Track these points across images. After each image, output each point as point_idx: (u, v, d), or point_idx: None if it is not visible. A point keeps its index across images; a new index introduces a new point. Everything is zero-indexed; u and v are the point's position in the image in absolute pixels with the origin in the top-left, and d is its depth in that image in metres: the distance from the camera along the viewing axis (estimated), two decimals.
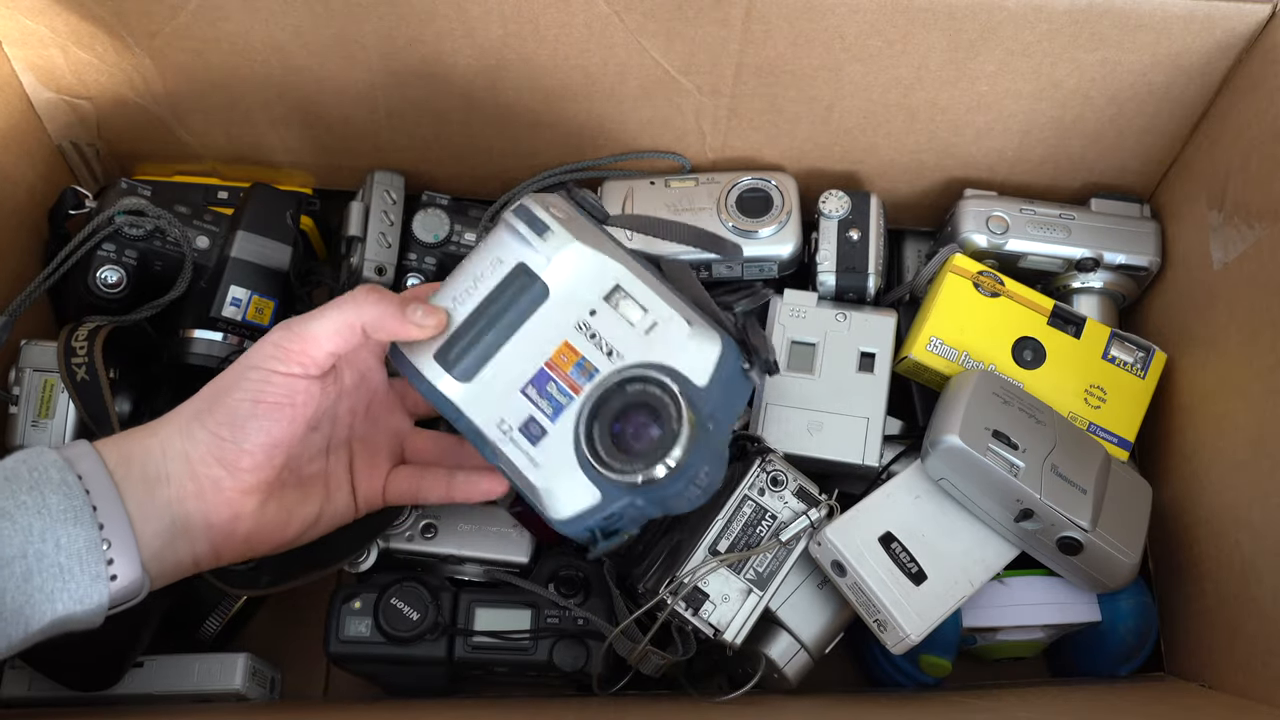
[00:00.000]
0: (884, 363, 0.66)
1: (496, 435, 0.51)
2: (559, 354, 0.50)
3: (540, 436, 0.50)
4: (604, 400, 0.49)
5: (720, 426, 0.50)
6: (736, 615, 0.58)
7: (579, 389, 0.50)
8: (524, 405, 0.50)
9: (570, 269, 0.50)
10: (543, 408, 0.50)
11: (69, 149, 0.72)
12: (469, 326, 0.51)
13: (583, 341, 0.50)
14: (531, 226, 0.50)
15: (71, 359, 0.62)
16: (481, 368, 0.51)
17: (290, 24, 0.62)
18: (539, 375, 0.50)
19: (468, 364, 0.51)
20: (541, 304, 0.51)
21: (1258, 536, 0.58)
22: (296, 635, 0.71)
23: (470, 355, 0.51)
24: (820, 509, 0.60)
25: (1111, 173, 0.72)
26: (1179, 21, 0.60)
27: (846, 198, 0.70)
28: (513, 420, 0.50)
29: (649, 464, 0.47)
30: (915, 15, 0.60)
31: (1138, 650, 0.66)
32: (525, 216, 0.51)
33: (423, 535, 0.64)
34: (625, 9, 0.61)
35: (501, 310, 0.51)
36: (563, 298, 0.51)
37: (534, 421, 0.50)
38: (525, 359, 0.51)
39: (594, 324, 0.50)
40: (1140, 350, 0.68)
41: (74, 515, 0.44)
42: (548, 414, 0.50)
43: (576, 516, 0.49)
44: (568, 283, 0.51)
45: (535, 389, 0.50)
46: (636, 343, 0.50)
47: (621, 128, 0.70)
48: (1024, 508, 0.59)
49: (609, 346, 0.50)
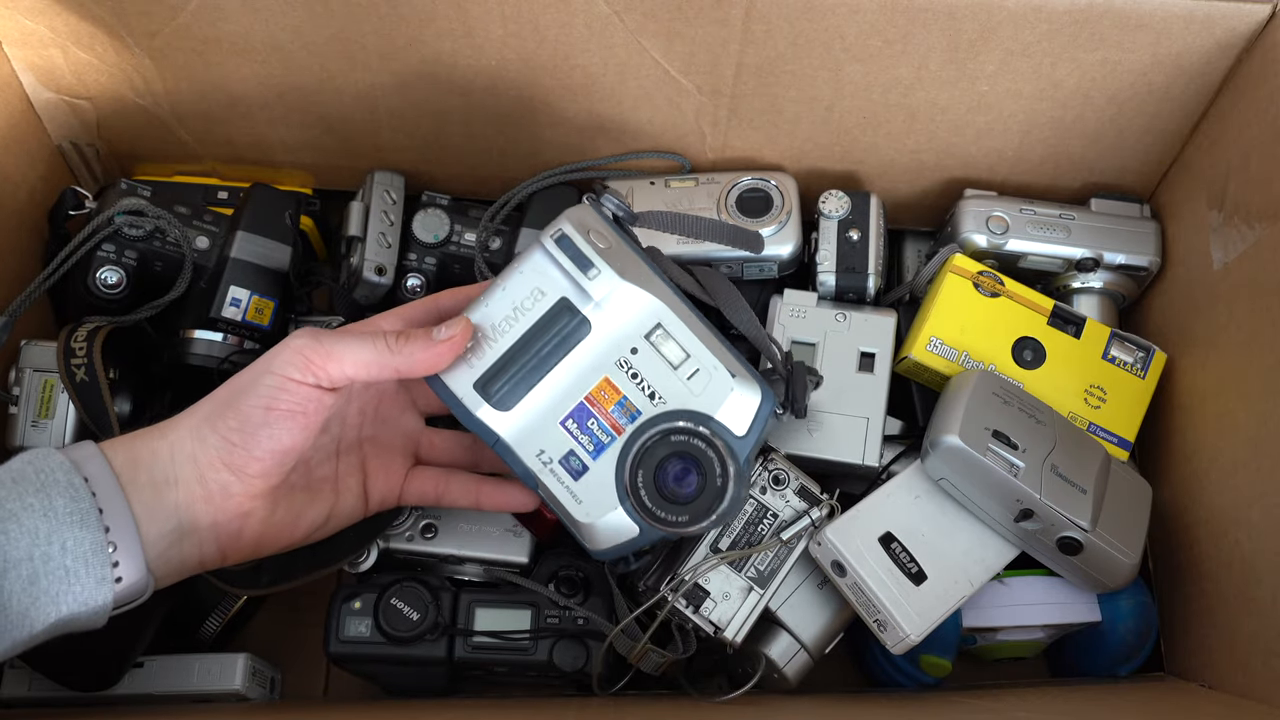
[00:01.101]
0: (884, 363, 0.66)
1: (536, 465, 0.52)
2: (599, 390, 0.51)
3: (582, 473, 0.51)
4: (648, 448, 0.51)
5: (749, 466, 0.52)
6: (737, 613, 0.58)
7: (621, 429, 0.51)
8: (564, 438, 0.52)
9: (615, 308, 0.51)
10: (583, 443, 0.51)
11: (69, 149, 0.72)
12: (511, 359, 0.52)
13: (624, 380, 0.51)
14: (576, 263, 0.51)
15: (71, 360, 0.62)
16: (522, 398, 0.52)
17: (290, 24, 0.62)
18: (579, 409, 0.52)
19: (507, 394, 0.52)
20: (584, 338, 0.52)
21: (1257, 536, 0.58)
22: (296, 635, 0.71)
23: (511, 386, 0.52)
24: (822, 508, 0.60)
25: (1111, 173, 0.72)
26: (1179, 21, 0.59)
27: (846, 198, 0.70)
28: (553, 452, 0.52)
29: (695, 518, 0.50)
30: (915, 15, 0.60)
31: (1137, 650, 0.66)
32: (570, 251, 0.51)
33: (423, 535, 0.64)
34: (625, 9, 0.61)
35: (544, 343, 0.52)
36: (605, 334, 0.52)
37: (574, 456, 0.51)
38: (565, 392, 0.52)
39: (635, 362, 0.52)
40: (1140, 350, 0.68)
41: (80, 518, 0.44)
42: (589, 450, 0.51)
43: (615, 549, 0.52)
44: (611, 320, 0.51)
45: (576, 423, 0.51)
46: (679, 388, 0.51)
47: (621, 128, 0.70)
48: (1024, 508, 0.59)
49: (651, 388, 0.51)
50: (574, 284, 0.51)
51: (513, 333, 0.52)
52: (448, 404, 0.52)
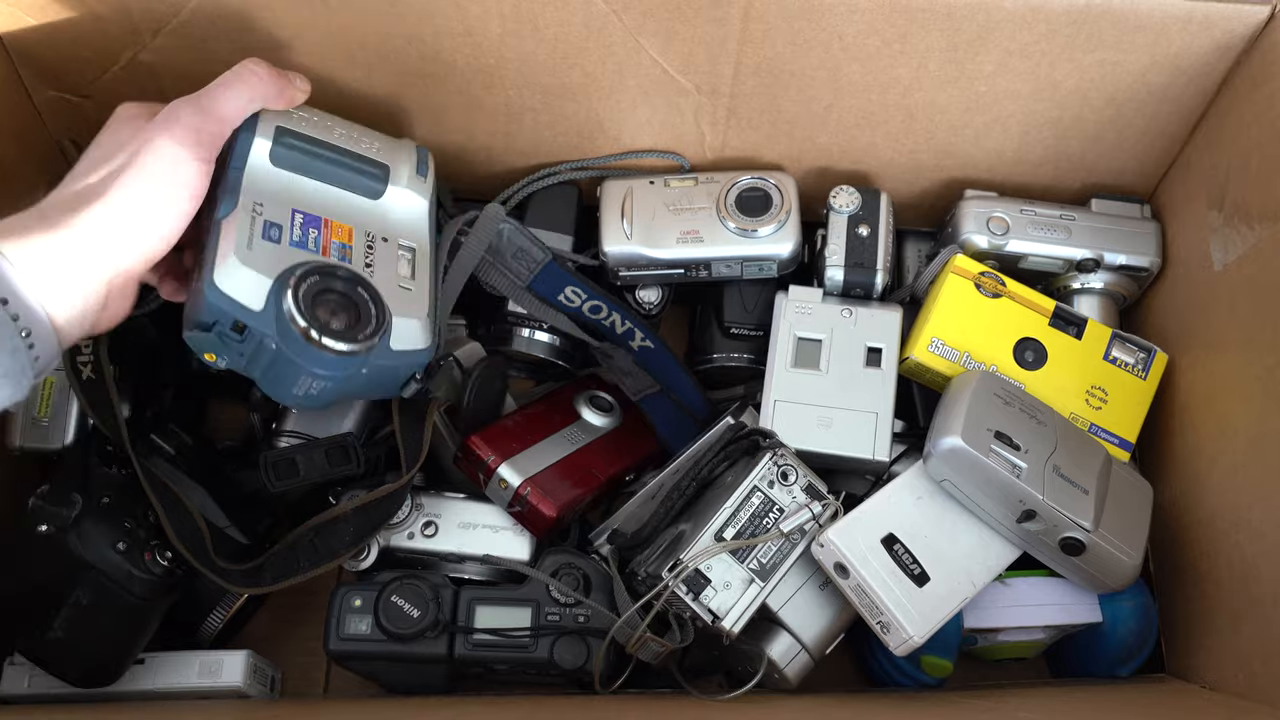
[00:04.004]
0: (890, 358, 0.66)
1: (245, 207, 0.54)
2: (340, 225, 0.57)
3: (267, 240, 0.54)
4: (332, 274, 0.53)
5: (372, 355, 0.54)
6: (737, 603, 0.58)
7: (326, 253, 0.56)
8: (285, 214, 0.56)
9: (403, 206, 0.60)
10: (294, 228, 0.55)
11: (69, 147, 0.72)
12: (319, 153, 0.59)
13: (360, 237, 0.57)
14: (418, 169, 0.63)
15: (77, 357, 0.62)
16: (292, 173, 0.58)
17: (290, 22, 0.62)
18: (313, 218, 0.56)
19: (290, 156, 0.58)
20: (364, 194, 0.59)
21: (1258, 537, 0.58)
22: (297, 633, 0.71)
23: (298, 151, 0.58)
24: (827, 507, 0.60)
25: (1111, 173, 0.72)
26: (1177, 23, 0.59)
27: (857, 194, 0.70)
28: (269, 214, 0.55)
29: (318, 332, 0.52)
30: (914, 15, 0.60)
31: (1138, 651, 0.66)
32: (424, 163, 0.63)
33: (423, 533, 0.64)
34: (624, 8, 0.61)
35: (346, 165, 0.59)
36: (380, 209, 0.59)
37: (278, 228, 0.55)
38: (320, 199, 0.58)
39: (377, 243, 0.58)
40: (1142, 351, 0.68)
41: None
42: (292, 238, 0.55)
43: (228, 302, 0.52)
44: (393, 210, 0.60)
45: (304, 218, 0.56)
46: (389, 281, 0.56)
47: (620, 127, 0.70)
48: (1026, 509, 0.59)
49: (370, 261, 0.57)
50: (402, 171, 0.61)
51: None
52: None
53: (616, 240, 0.70)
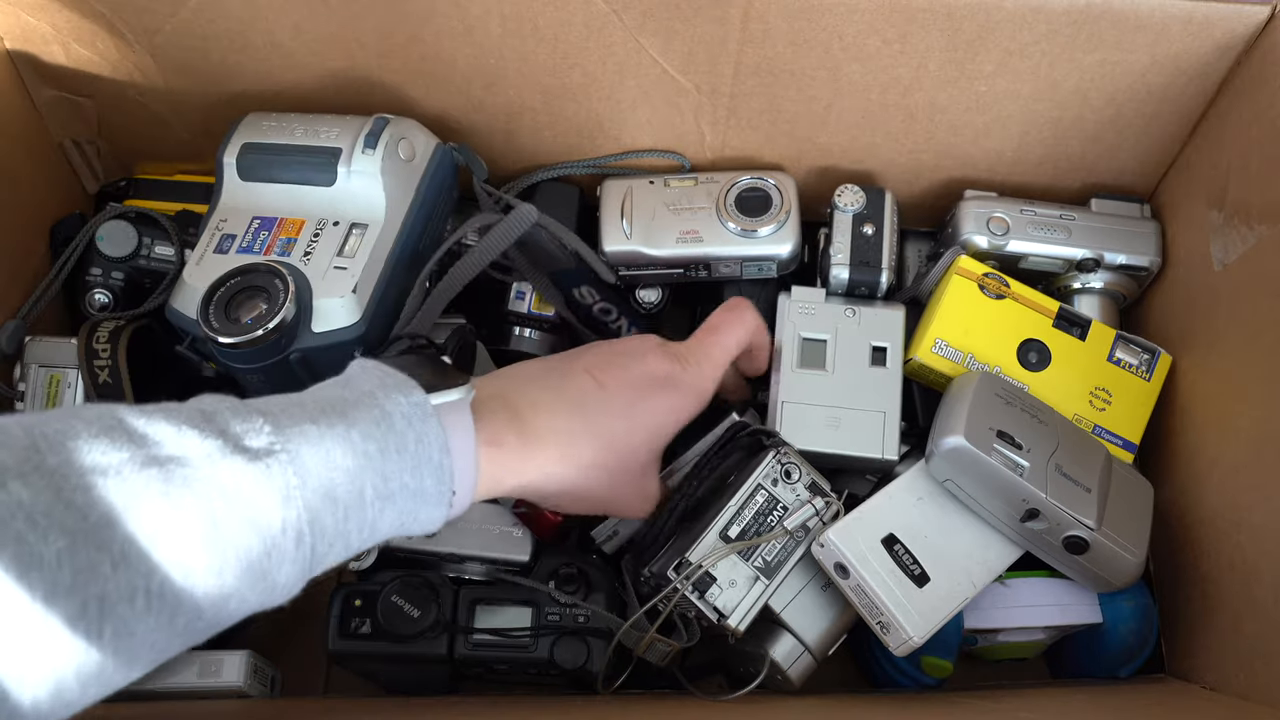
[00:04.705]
0: (896, 356, 0.66)
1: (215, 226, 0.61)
2: (295, 220, 0.60)
3: (226, 252, 0.59)
4: (262, 272, 0.56)
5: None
6: (742, 601, 0.58)
7: (268, 252, 0.59)
8: (245, 223, 0.60)
9: (357, 190, 0.61)
10: (247, 234, 0.60)
11: (70, 147, 0.72)
12: (278, 149, 0.63)
13: (309, 230, 0.60)
14: (367, 143, 0.62)
15: (94, 360, 0.62)
16: (258, 181, 0.62)
17: (290, 22, 0.62)
18: (271, 220, 0.60)
19: (254, 166, 0.62)
20: (321, 185, 0.61)
21: (1259, 538, 0.58)
22: (297, 633, 0.70)
23: (262, 162, 0.63)
24: (830, 504, 0.60)
25: (1111, 173, 0.72)
26: (1178, 23, 0.59)
27: (861, 192, 0.70)
28: (228, 228, 0.61)
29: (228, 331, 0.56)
30: (914, 15, 0.60)
31: (1138, 651, 0.66)
32: (376, 137, 0.62)
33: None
34: (624, 8, 0.61)
35: (300, 158, 0.62)
36: (333, 195, 0.61)
37: (231, 239, 0.60)
38: (276, 200, 0.61)
39: (325, 227, 0.60)
40: (1145, 352, 0.68)
41: (438, 498, 0.45)
42: (241, 243, 0.59)
43: (181, 312, 0.59)
44: (347, 193, 0.61)
45: (261, 221, 0.60)
46: (323, 264, 0.58)
47: (620, 127, 0.70)
48: (1030, 507, 0.59)
49: (310, 251, 0.59)
50: (352, 151, 0.61)
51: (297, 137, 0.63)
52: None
53: (616, 240, 0.70)
